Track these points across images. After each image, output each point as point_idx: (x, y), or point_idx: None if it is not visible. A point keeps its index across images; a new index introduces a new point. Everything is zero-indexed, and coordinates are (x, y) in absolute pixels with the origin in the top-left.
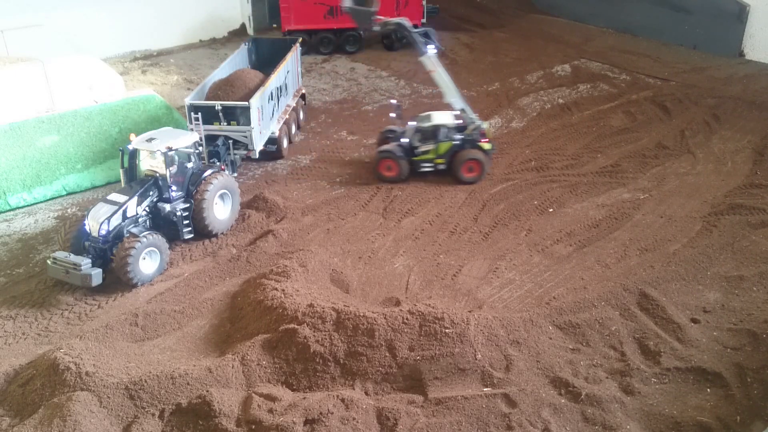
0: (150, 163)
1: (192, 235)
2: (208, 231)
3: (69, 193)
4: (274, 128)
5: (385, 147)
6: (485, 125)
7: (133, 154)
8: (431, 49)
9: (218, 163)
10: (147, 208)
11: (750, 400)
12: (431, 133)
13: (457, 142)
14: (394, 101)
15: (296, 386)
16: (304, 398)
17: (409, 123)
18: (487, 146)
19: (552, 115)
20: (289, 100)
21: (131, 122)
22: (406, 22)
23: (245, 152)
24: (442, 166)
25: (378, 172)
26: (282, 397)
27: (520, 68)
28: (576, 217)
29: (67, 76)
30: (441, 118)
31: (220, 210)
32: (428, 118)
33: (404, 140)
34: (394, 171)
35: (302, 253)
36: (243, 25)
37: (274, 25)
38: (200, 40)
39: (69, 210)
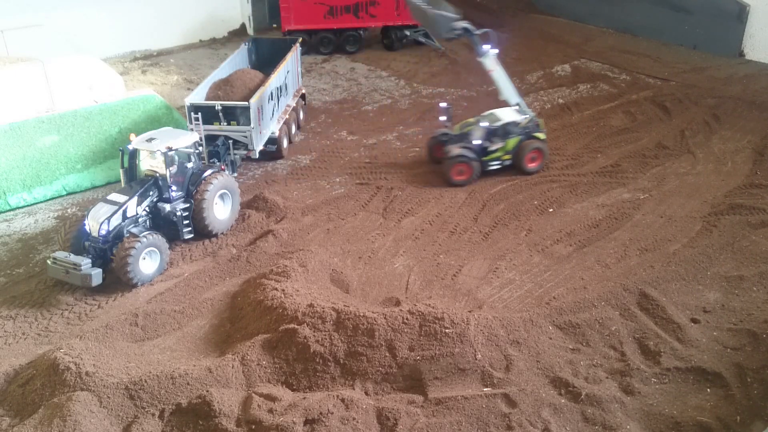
0: (150, 163)
1: (192, 235)
2: (208, 231)
3: (69, 193)
4: (274, 128)
5: (457, 151)
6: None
7: (133, 154)
8: (491, 49)
9: (218, 163)
10: (147, 208)
11: (750, 400)
12: (502, 131)
13: (523, 136)
14: (444, 104)
15: (296, 386)
16: (304, 398)
17: (481, 124)
18: (542, 135)
19: (552, 115)
20: (289, 100)
21: (131, 122)
22: (470, 25)
23: (245, 152)
24: (508, 162)
25: (450, 177)
26: (282, 397)
27: (520, 68)
28: (576, 217)
29: (67, 76)
30: (507, 115)
31: (220, 210)
32: (494, 116)
33: (477, 142)
34: (467, 174)
35: (302, 253)
36: (243, 25)
37: (274, 25)
38: (200, 40)
39: (69, 210)
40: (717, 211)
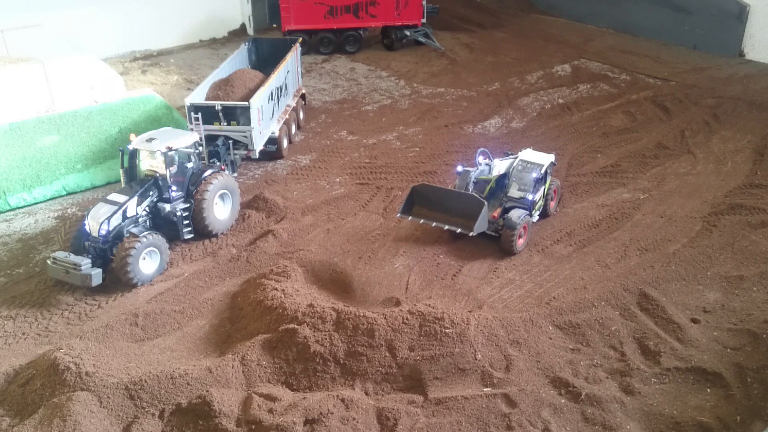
0: (150, 163)
1: (192, 235)
2: (208, 231)
3: (69, 193)
4: (274, 128)
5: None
6: None
7: (133, 154)
8: None
9: (218, 163)
10: (147, 208)
11: (750, 400)
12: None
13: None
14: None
15: (296, 386)
16: (304, 398)
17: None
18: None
19: (552, 115)
20: (289, 100)
21: (131, 122)
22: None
23: (245, 152)
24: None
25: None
26: (282, 397)
27: (520, 68)
28: (576, 217)
29: (67, 76)
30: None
31: (220, 210)
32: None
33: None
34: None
35: (302, 253)
36: (243, 25)
37: (274, 25)
38: (200, 40)
39: (69, 210)
40: (717, 211)
